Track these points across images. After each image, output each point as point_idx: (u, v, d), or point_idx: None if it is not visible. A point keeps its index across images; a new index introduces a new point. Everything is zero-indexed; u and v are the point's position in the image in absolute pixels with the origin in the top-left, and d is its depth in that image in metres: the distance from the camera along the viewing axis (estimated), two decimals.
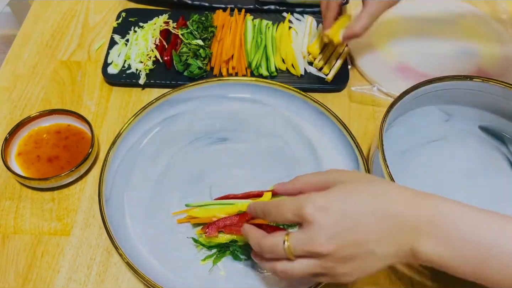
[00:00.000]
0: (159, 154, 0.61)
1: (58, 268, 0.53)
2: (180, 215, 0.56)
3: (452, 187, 0.59)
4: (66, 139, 0.61)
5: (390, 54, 0.76)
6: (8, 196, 0.59)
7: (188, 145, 0.63)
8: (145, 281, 0.48)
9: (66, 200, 0.58)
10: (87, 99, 0.69)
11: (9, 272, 0.53)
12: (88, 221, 0.57)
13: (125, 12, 0.78)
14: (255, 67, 0.70)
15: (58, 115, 0.62)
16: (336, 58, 0.71)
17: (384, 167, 0.50)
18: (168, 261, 0.53)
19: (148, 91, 0.70)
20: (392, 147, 0.61)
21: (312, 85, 0.70)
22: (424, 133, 0.63)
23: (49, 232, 0.56)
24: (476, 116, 0.64)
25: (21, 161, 0.59)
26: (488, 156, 0.62)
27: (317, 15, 0.79)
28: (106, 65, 0.70)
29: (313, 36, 0.75)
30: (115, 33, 0.75)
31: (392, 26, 0.80)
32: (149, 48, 0.71)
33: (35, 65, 0.73)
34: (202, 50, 0.70)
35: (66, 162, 0.59)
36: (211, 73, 0.71)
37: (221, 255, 0.53)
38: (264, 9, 0.79)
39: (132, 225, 0.55)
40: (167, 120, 0.64)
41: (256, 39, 0.74)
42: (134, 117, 0.61)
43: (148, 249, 0.53)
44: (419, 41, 0.78)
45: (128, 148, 0.60)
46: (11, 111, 0.67)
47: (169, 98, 0.64)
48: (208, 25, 0.74)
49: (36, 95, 0.69)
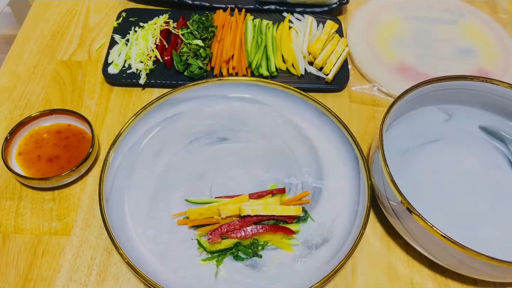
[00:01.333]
0: (160, 153, 0.62)
1: (58, 267, 0.53)
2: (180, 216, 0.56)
3: (452, 187, 0.59)
4: (67, 139, 0.61)
5: (390, 54, 0.76)
6: (8, 196, 0.59)
7: (189, 145, 0.63)
8: (145, 281, 0.48)
9: (66, 200, 0.58)
10: (87, 99, 0.69)
11: (10, 272, 0.53)
12: (89, 221, 0.57)
13: (125, 12, 0.78)
14: (255, 67, 0.70)
15: (59, 115, 0.62)
16: (336, 58, 0.71)
17: (384, 167, 0.50)
18: (168, 261, 0.53)
19: (148, 91, 0.70)
20: (392, 147, 0.61)
21: (312, 85, 0.70)
22: (424, 133, 0.63)
23: (50, 232, 0.56)
24: (476, 116, 0.64)
25: (21, 160, 0.59)
26: (488, 156, 0.62)
27: (317, 15, 0.79)
28: (107, 65, 0.70)
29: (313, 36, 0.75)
30: (116, 33, 0.75)
31: (392, 26, 0.80)
32: (150, 48, 0.71)
33: (36, 65, 0.73)
34: (203, 50, 0.70)
35: (66, 162, 0.59)
36: (211, 73, 0.71)
37: (223, 257, 0.53)
38: (265, 9, 0.79)
39: (132, 225, 0.55)
40: (167, 120, 0.64)
41: (257, 39, 0.74)
42: (135, 117, 0.61)
43: (148, 249, 0.53)
44: (419, 41, 0.78)
45: (129, 148, 0.60)
46: (11, 111, 0.67)
47: (169, 98, 0.64)
48: (209, 25, 0.74)
49: (36, 95, 0.69)
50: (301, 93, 0.65)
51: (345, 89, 0.72)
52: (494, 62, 0.76)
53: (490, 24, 0.82)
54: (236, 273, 0.52)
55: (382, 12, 0.83)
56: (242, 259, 0.53)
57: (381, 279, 0.54)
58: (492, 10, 0.86)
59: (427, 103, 0.63)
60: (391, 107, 0.55)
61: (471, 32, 0.80)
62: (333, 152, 0.62)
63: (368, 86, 0.72)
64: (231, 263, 0.53)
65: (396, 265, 0.55)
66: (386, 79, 0.72)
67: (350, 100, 0.71)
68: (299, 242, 0.55)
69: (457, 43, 0.78)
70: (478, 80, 0.59)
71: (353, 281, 0.53)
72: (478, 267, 0.47)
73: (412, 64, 0.75)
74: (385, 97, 0.71)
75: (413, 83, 0.58)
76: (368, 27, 0.80)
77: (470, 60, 0.76)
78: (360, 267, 0.55)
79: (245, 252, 0.53)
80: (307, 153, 0.62)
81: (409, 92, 0.57)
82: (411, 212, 0.48)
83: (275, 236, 0.54)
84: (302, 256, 0.54)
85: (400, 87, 0.62)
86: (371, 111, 0.69)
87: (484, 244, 0.47)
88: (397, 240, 0.57)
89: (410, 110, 0.63)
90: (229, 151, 0.62)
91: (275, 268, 0.53)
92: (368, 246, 0.56)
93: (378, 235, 0.57)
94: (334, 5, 0.80)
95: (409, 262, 0.55)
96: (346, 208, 0.57)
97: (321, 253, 0.54)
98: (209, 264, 0.53)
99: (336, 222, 0.56)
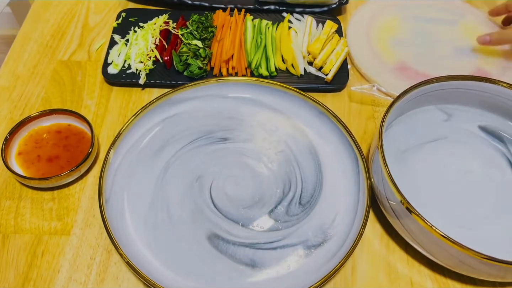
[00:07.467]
0: (159, 153, 0.62)
1: (58, 267, 0.53)
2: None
3: (451, 186, 0.59)
4: (66, 139, 0.61)
5: (389, 54, 0.76)
6: (8, 196, 0.59)
7: (188, 145, 0.63)
8: (145, 281, 0.48)
9: (66, 200, 0.58)
10: (87, 99, 0.69)
11: (9, 272, 0.53)
12: (88, 221, 0.57)
13: (125, 12, 0.78)
14: (255, 67, 0.70)
15: (58, 115, 0.62)
16: (336, 58, 0.71)
17: (383, 167, 0.51)
18: (168, 261, 0.53)
19: (148, 91, 0.70)
20: (392, 147, 0.61)
21: (312, 85, 0.70)
22: (424, 133, 0.63)
23: (49, 232, 0.56)
24: (476, 116, 0.64)
25: (21, 160, 0.59)
26: (487, 155, 0.62)
27: (317, 15, 0.79)
28: (106, 65, 0.70)
29: (313, 36, 0.75)
30: (115, 33, 0.75)
31: (392, 26, 0.81)
32: (149, 48, 0.71)
33: (35, 65, 0.73)
34: (202, 50, 0.70)
35: (66, 161, 0.59)
36: (211, 73, 0.71)
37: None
38: (264, 9, 0.80)
39: (132, 225, 0.55)
40: (167, 120, 0.64)
41: (256, 39, 0.74)
42: (134, 117, 0.61)
43: (148, 249, 0.53)
44: (419, 41, 0.78)
45: (128, 148, 0.60)
46: (11, 111, 0.67)
47: (169, 98, 0.64)
48: (208, 25, 0.74)
49: (36, 95, 0.69)
50: (300, 93, 0.65)
51: (344, 89, 0.72)
52: (494, 62, 0.76)
53: (490, 24, 0.82)
54: (236, 273, 0.52)
55: (382, 12, 0.83)
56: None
57: (380, 279, 0.54)
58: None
59: (426, 103, 0.63)
60: (391, 107, 0.55)
61: (471, 32, 0.80)
62: (332, 152, 0.62)
63: (368, 86, 0.72)
64: (231, 263, 0.53)
65: (396, 265, 0.55)
66: (385, 79, 0.72)
67: (349, 100, 0.71)
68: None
69: (457, 43, 0.78)
70: (477, 80, 0.59)
71: (353, 281, 0.54)
72: (478, 267, 0.47)
73: (412, 64, 0.75)
74: (384, 97, 0.71)
75: (412, 83, 0.58)
76: (368, 27, 0.80)
77: (470, 60, 0.76)
78: (360, 267, 0.55)
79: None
80: (307, 152, 0.63)
81: (408, 92, 0.57)
82: (410, 212, 0.48)
83: None
84: (302, 255, 0.54)
85: (399, 87, 0.62)
86: (371, 111, 0.69)
87: (484, 244, 0.47)
88: (396, 240, 0.57)
89: (409, 110, 0.63)
90: (229, 151, 0.62)
91: (274, 268, 0.53)
92: (367, 245, 0.56)
93: (377, 234, 0.57)
94: (334, 5, 0.80)
95: (409, 261, 0.55)
96: (346, 208, 0.57)
97: (321, 253, 0.54)
98: (209, 264, 0.53)
99: (335, 221, 0.56)
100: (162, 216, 0.56)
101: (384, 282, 0.54)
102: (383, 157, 0.51)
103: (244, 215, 0.57)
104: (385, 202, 0.53)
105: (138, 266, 0.49)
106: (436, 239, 0.46)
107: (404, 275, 0.54)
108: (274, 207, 0.58)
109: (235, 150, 0.63)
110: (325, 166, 0.61)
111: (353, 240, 0.52)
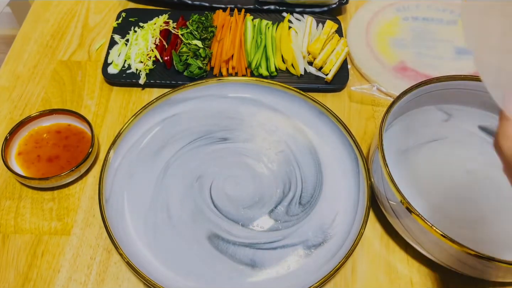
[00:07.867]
0: (159, 153, 0.62)
1: (58, 267, 0.53)
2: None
3: (451, 186, 0.59)
4: (66, 139, 0.61)
5: (389, 54, 0.76)
6: (8, 196, 0.59)
7: (188, 145, 0.63)
8: (145, 281, 0.48)
9: (66, 200, 0.58)
10: (87, 99, 0.69)
11: (9, 272, 0.53)
12: (88, 221, 0.57)
13: (125, 12, 0.78)
14: (255, 67, 0.70)
15: (58, 115, 0.62)
16: (336, 58, 0.71)
17: (383, 167, 0.51)
18: (168, 261, 0.53)
19: (148, 91, 0.70)
20: (392, 147, 0.61)
21: (312, 85, 0.70)
22: (424, 133, 0.63)
23: (49, 232, 0.56)
24: (476, 116, 0.64)
25: (21, 160, 0.59)
26: (487, 155, 0.62)
27: (317, 15, 0.79)
28: (106, 65, 0.70)
29: (313, 36, 0.75)
30: (115, 33, 0.75)
31: (392, 26, 0.81)
32: (149, 48, 0.71)
33: (35, 65, 0.73)
34: (202, 50, 0.70)
35: (66, 161, 0.59)
36: (211, 73, 0.71)
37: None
38: (264, 9, 0.80)
39: (132, 225, 0.55)
40: (167, 120, 0.64)
41: (256, 39, 0.74)
42: (134, 117, 0.61)
43: (148, 249, 0.53)
44: (419, 41, 0.78)
45: (128, 148, 0.60)
46: (11, 111, 0.67)
47: (169, 98, 0.64)
48: (208, 25, 0.74)
49: (36, 95, 0.69)
50: (300, 93, 0.65)
51: (344, 89, 0.72)
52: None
53: None
54: (236, 273, 0.52)
55: (382, 12, 0.83)
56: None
57: (380, 279, 0.54)
58: None
59: (426, 103, 0.63)
60: (391, 107, 0.55)
61: None
62: (332, 152, 0.62)
63: (368, 86, 0.72)
64: (231, 263, 0.53)
65: (396, 265, 0.55)
66: (385, 79, 0.72)
67: (349, 100, 0.71)
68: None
69: (457, 43, 0.78)
70: (477, 80, 0.59)
71: (353, 281, 0.54)
72: (478, 267, 0.47)
73: (412, 64, 0.75)
74: (384, 97, 0.71)
75: (412, 83, 0.58)
76: (368, 27, 0.80)
77: (470, 60, 0.76)
78: (360, 267, 0.55)
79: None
80: (307, 152, 0.63)
81: (408, 92, 0.57)
82: (410, 212, 0.48)
83: None
84: (302, 255, 0.54)
85: (399, 87, 0.62)
86: (371, 111, 0.69)
87: (484, 244, 0.47)
88: (396, 240, 0.57)
89: (409, 110, 0.63)
90: (229, 151, 0.62)
91: (274, 268, 0.53)
92: (367, 245, 0.56)
93: (377, 234, 0.57)
94: (334, 5, 0.80)
95: (409, 261, 0.55)
96: (346, 208, 0.57)
97: (321, 253, 0.54)
98: (209, 264, 0.53)
99: (335, 221, 0.56)
100: (162, 216, 0.56)
101: (384, 282, 0.54)
102: (383, 157, 0.51)
103: (244, 215, 0.57)
104: (385, 202, 0.53)
105: (138, 266, 0.49)
106: (436, 239, 0.46)
107: (404, 275, 0.54)
108: (274, 207, 0.58)
109: (235, 150, 0.63)
110: (325, 166, 0.61)
111: (353, 240, 0.52)
